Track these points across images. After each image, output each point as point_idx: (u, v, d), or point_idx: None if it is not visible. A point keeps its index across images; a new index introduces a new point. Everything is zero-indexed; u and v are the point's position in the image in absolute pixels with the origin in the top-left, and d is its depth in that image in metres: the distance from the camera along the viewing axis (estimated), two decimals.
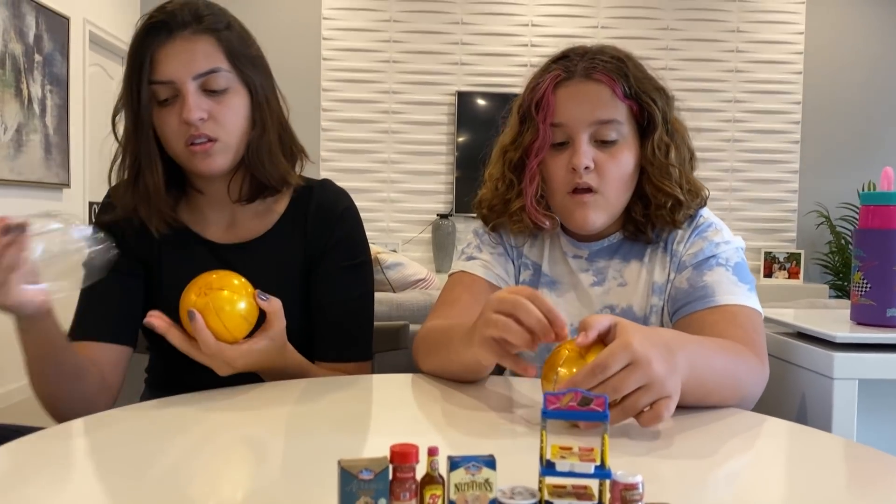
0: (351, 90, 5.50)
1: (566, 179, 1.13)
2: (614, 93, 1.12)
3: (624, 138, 1.13)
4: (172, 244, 1.23)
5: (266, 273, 1.18)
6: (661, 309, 1.15)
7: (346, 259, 1.24)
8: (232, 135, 1.14)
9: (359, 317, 1.24)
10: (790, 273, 5.58)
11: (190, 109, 1.09)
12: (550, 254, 1.24)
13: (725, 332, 1.03)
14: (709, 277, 1.10)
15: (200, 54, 1.11)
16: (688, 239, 1.16)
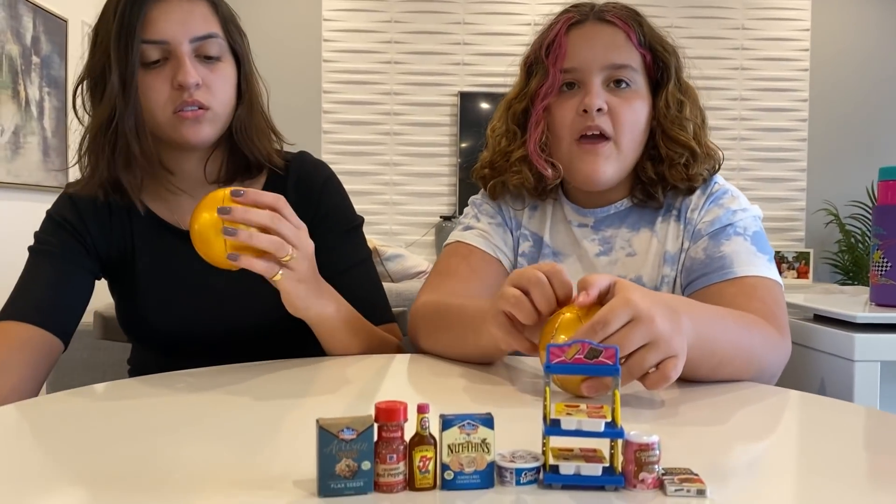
0: (352, 92, 5.46)
1: (575, 124, 1.07)
2: (629, 37, 1.08)
3: (637, 86, 1.08)
4: (144, 235, 1.15)
5: None
6: (672, 280, 1.09)
7: (340, 227, 1.19)
8: (223, 105, 1.10)
9: (369, 280, 1.19)
10: (799, 273, 5.49)
11: (187, 72, 1.03)
12: (553, 223, 1.17)
13: (745, 306, 0.97)
14: (726, 247, 1.04)
15: (199, 17, 1.06)
16: (703, 206, 1.09)
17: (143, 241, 1.15)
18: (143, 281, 1.14)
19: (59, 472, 0.57)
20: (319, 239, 1.15)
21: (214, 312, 1.14)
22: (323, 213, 1.18)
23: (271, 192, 1.14)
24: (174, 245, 1.14)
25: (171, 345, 1.16)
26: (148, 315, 1.14)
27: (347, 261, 1.17)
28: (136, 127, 1.06)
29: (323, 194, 1.19)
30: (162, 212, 1.16)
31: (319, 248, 1.14)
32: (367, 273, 1.20)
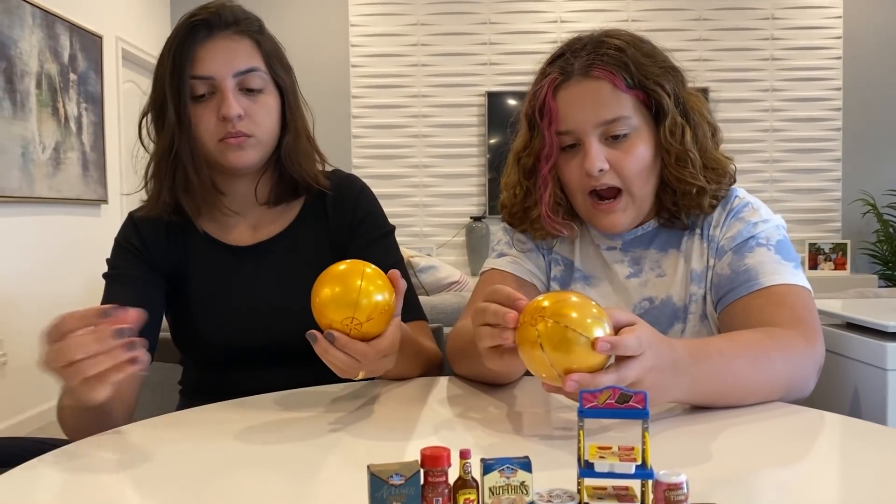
0: (380, 96, 5.51)
1: (583, 182, 1.09)
2: (616, 87, 1.06)
3: (635, 130, 1.08)
4: (199, 254, 1.24)
5: (291, 267, 1.22)
6: (701, 298, 1.10)
7: (373, 232, 1.27)
8: (265, 132, 1.18)
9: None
10: (836, 264, 5.43)
11: (230, 105, 1.13)
12: (582, 247, 1.20)
13: (773, 316, 0.98)
14: (750, 260, 1.05)
15: (241, 53, 1.16)
16: (724, 223, 1.11)
17: (198, 259, 1.24)
18: (197, 296, 1.23)
19: None
20: (353, 244, 1.25)
21: (265, 327, 1.21)
22: (358, 220, 1.26)
23: (310, 206, 1.27)
24: (227, 262, 1.23)
25: (222, 358, 1.23)
26: (201, 329, 1.22)
27: (379, 264, 1.22)
28: (191, 155, 1.16)
29: (357, 203, 1.28)
30: (215, 231, 1.25)
31: (352, 253, 1.22)
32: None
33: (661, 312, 1.13)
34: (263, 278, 1.23)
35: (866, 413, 1.32)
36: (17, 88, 3.70)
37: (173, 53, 1.15)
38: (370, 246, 1.25)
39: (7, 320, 3.68)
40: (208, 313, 1.22)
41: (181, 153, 1.15)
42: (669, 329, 1.12)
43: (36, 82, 3.87)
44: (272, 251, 1.25)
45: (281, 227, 1.26)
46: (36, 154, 3.86)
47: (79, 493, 0.67)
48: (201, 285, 1.23)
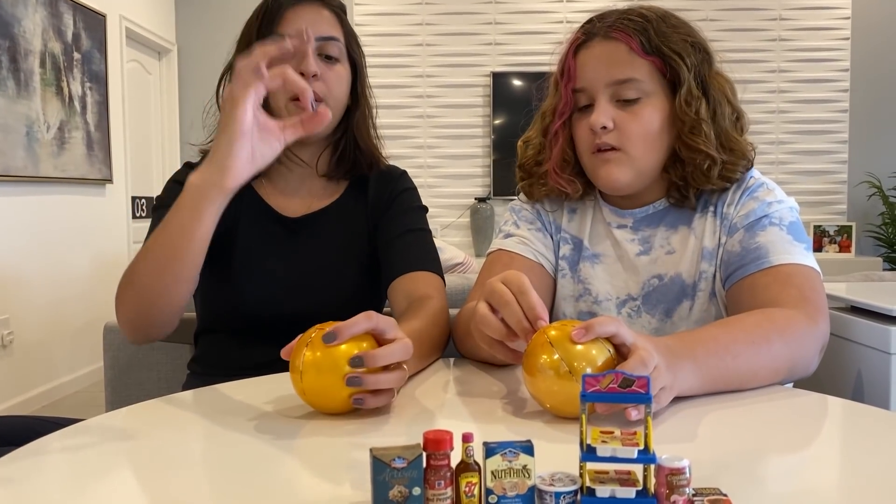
0: (385, 76, 5.49)
1: (589, 140, 1.12)
2: (631, 49, 1.09)
3: (647, 95, 1.09)
4: (249, 216, 1.28)
5: (333, 240, 1.28)
6: (711, 275, 1.11)
7: (407, 203, 1.32)
8: (336, 100, 1.23)
9: (424, 241, 1.29)
10: (841, 246, 5.41)
11: (310, 62, 1.17)
12: (593, 226, 1.21)
13: (779, 294, 0.99)
14: (762, 238, 1.06)
15: (325, 21, 1.23)
16: (738, 201, 1.11)
17: (248, 220, 1.27)
18: (240, 253, 1.26)
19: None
20: (388, 213, 1.30)
21: (295, 294, 1.25)
22: (396, 193, 1.32)
23: (354, 184, 1.32)
24: (273, 231, 1.28)
25: (251, 325, 1.25)
26: (238, 286, 1.24)
27: (406, 227, 1.28)
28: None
29: (398, 181, 1.34)
30: (270, 196, 1.30)
31: (386, 220, 1.29)
32: (423, 238, 1.29)
33: (669, 289, 1.13)
34: (303, 250, 1.28)
35: (869, 397, 1.32)
36: (21, 67, 3.69)
37: (263, 12, 1.22)
38: (403, 214, 1.30)
39: (12, 299, 3.69)
40: (248, 275, 1.25)
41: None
42: (678, 306, 1.12)
43: (40, 61, 3.86)
44: (316, 224, 1.30)
45: (328, 202, 1.31)
46: (41, 133, 3.86)
47: (85, 472, 0.67)
48: (246, 246, 1.26)
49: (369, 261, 1.30)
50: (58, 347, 4.08)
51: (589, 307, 1.17)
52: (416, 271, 1.22)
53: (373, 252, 1.30)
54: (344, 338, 0.78)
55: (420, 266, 1.23)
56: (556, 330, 0.78)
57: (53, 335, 4.04)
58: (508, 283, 0.82)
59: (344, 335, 0.78)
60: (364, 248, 1.30)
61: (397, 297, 1.21)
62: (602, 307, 1.16)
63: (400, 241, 1.26)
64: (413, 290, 1.19)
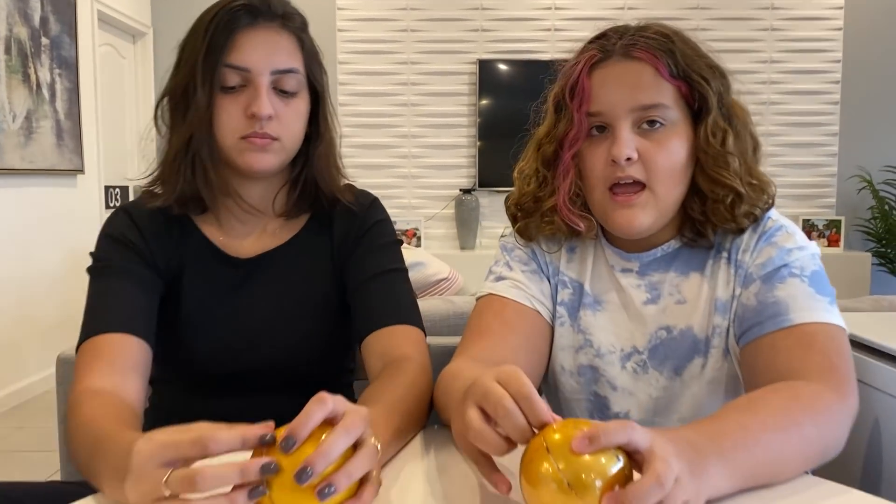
0: (368, 62, 5.32)
1: (605, 173, 0.99)
2: (658, 72, 0.97)
3: (672, 124, 0.98)
4: (196, 260, 1.14)
5: (293, 281, 1.15)
6: (725, 330, 1.00)
7: (379, 238, 1.18)
8: (291, 139, 1.10)
9: (400, 285, 1.16)
10: (830, 241, 5.35)
11: (263, 104, 1.04)
12: (594, 268, 1.09)
13: (803, 362, 0.88)
14: (781, 291, 0.95)
15: (283, 50, 1.08)
16: (755, 247, 1.00)
17: (194, 262, 1.14)
18: (188, 303, 1.13)
19: None
20: (357, 251, 1.17)
21: (253, 346, 1.13)
22: (366, 228, 1.18)
23: (317, 217, 1.19)
24: (224, 273, 1.14)
25: (203, 375, 1.14)
26: (187, 339, 1.12)
27: (379, 267, 1.15)
28: (210, 151, 1.07)
29: (368, 214, 1.20)
30: (217, 237, 1.16)
31: (355, 258, 1.16)
32: (399, 281, 1.16)
33: (678, 344, 1.02)
34: (259, 294, 1.15)
35: (887, 447, 1.23)
36: None
37: (210, 35, 1.05)
38: (372, 252, 1.17)
39: None
40: (197, 322, 1.13)
41: (200, 147, 1.06)
42: (688, 363, 1.02)
43: (5, 47, 3.67)
44: (273, 264, 1.16)
45: (285, 238, 1.18)
46: (6, 124, 3.68)
47: None
48: (193, 290, 1.13)
49: (336, 303, 1.17)
50: (28, 346, 3.93)
51: (590, 360, 1.06)
52: (391, 325, 1.09)
53: (341, 292, 1.17)
54: (302, 438, 0.65)
55: (396, 318, 1.09)
56: (559, 433, 0.66)
57: (23, 333, 3.89)
58: (506, 383, 0.67)
59: (301, 434, 0.65)
60: (330, 290, 1.17)
61: (371, 356, 1.08)
62: (605, 360, 1.05)
63: (372, 286, 1.13)
64: (389, 349, 1.06)
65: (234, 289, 1.14)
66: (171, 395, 1.19)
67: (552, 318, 1.10)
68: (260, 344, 1.13)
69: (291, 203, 1.17)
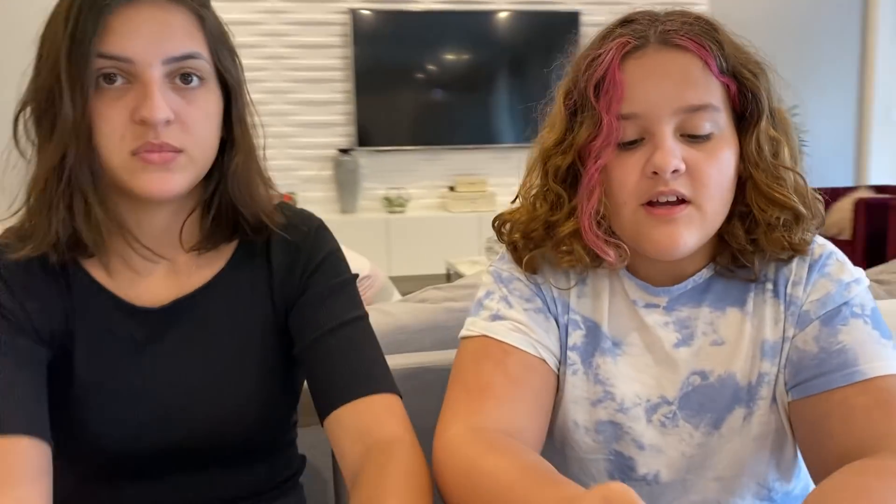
0: (230, 11, 4.82)
1: (641, 188, 0.81)
2: (707, 66, 0.79)
3: (721, 131, 0.81)
4: (88, 316, 0.87)
5: (220, 333, 0.91)
6: (774, 377, 0.85)
7: (332, 278, 0.94)
8: (201, 147, 0.83)
9: (365, 339, 0.93)
10: None
11: (156, 105, 0.78)
12: (612, 304, 0.91)
13: (883, 424, 0.75)
14: (845, 336, 0.81)
15: (178, 30, 0.81)
16: (807, 279, 0.85)
17: (85, 319, 0.87)
18: (82, 373, 0.87)
19: None
20: (307, 295, 0.92)
21: (169, 419, 0.89)
22: (315, 264, 0.94)
23: (246, 248, 0.93)
24: (123, 329, 0.88)
25: (104, 459, 0.89)
26: (83, 419, 0.87)
27: (337, 318, 0.92)
28: (92, 175, 0.80)
29: (315, 244, 0.95)
30: (114, 283, 0.89)
31: (306, 305, 0.92)
32: (362, 333, 0.93)
33: (718, 393, 0.86)
34: (174, 353, 0.89)
35: None
36: None
37: (75, 19, 0.77)
38: (329, 297, 0.93)
39: None
40: (95, 402, 0.87)
41: (77, 170, 0.79)
42: (728, 414, 0.86)
43: None
44: (191, 313, 0.90)
45: (206, 277, 0.91)
46: None
47: None
48: (86, 354, 0.86)
49: (281, 354, 0.94)
50: None
51: (611, 415, 0.89)
52: (366, 396, 0.86)
53: (286, 342, 0.94)
54: None
55: (370, 387, 0.87)
56: None
57: None
58: None
59: None
60: (271, 339, 0.93)
61: (345, 438, 0.85)
62: (629, 415, 0.88)
63: (332, 344, 0.90)
64: (369, 429, 0.84)
65: (141, 349, 0.88)
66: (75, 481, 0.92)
67: (559, 364, 0.91)
68: (179, 418, 0.89)
69: (206, 233, 0.91)
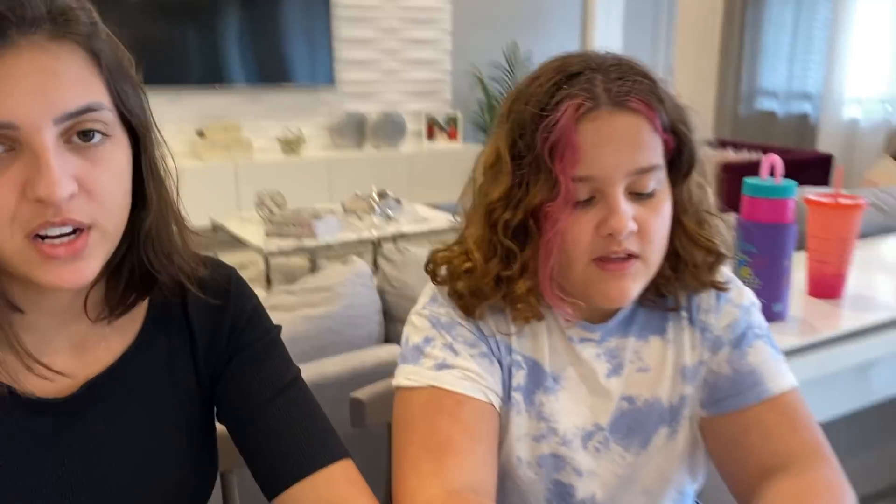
0: None
1: (594, 246, 0.83)
2: (653, 127, 0.82)
3: (662, 185, 0.85)
4: None
5: (137, 416, 0.78)
6: (693, 398, 0.95)
7: (262, 336, 0.85)
8: (112, 215, 0.68)
9: (308, 403, 0.85)
10: (450, 135, 5.75)
11: (54, 182, 0.61)
12: (551, 342, 0.94)
13: (791, 438, 0.87)
14: (753, 357, 0.91)
15: (70, 78, 0.64)
16: (717, 307, 0.94)
17: None
18: None
19: None
20: (238, 359, 0.83)
21: None
22: (243, 322, 0.84)
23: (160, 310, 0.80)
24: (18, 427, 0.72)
25: None
26: None
27: (275, 385, 0.83)
28: None
29: (237, 298, 0.84)
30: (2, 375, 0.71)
31: (238, 372, 0.82)
32: (303, 395, 0.86)
33: (644, 415, 0.94)
34: (86, 449, 0.75)
35: None
36: None
37: None
38: (262, 360, 0.83)
39: None
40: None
41: None
42: (654, 434, 0.95)
43: None
44: (103, 396, 0.76)
45: (118, 351, 0.77)
46: None
47: None
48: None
49: (204, 426, 0.84)
50: None
51: (553, 448, 0.93)
52: (321, 468, 0.80)
53: (210, 410, 0.85)
54: None
55: (324, 457, 0.80)
56: None
57: None
58: None
59: None
60: (199, 415, 0.83)
61: None
62: (571, 447, 0.93)
63: (273, 414, 0.81)
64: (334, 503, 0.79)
65: (43, 449, 0.74)
66: None
67: (502, 406, 0.92)
68: None
69: (115, 300, 0.76)
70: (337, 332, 1.42)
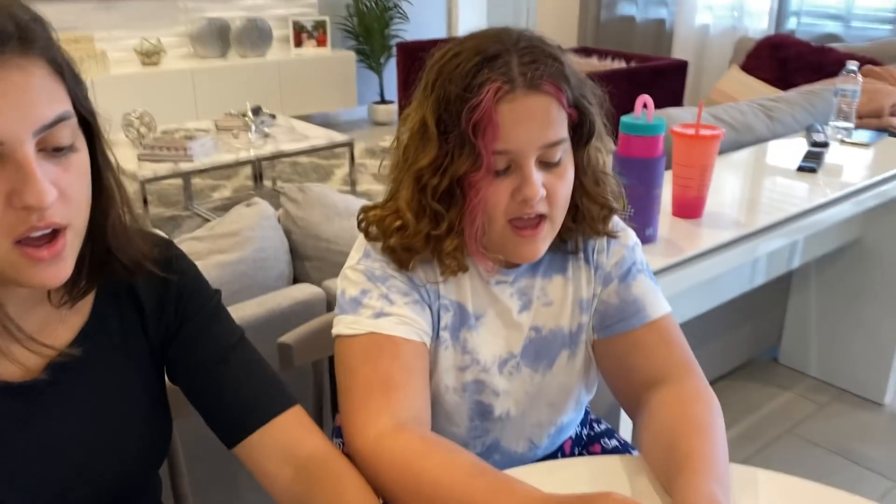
0: None
1: (510, 209, 0.96)
2: (560, 105, 0.94)
3: (566, 153, 0.98)
4: None
5: (97, 388, 0.85)
6: (588, 325, 1.11)
7: (205, 303, 0.93)
8: (82, 213, 0.74)
9: (255, 359, 0.95)
10: (318, 42, 5.60)
11: (42, 190, 0.67)
12: (472, 286, 1.07)
13: (667, 355, 1.05)
14: (636, 289, 1.08)
15: (42, 93, 0.68)
16: (608, 248, 1.10)
17: None
18: None
19: None
20: (187, 328, 0.91)
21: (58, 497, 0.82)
22: (186, 295, 0.91)
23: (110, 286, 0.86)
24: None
25: None
26: None
27: (223, 345, 0.92)
28: None
29: (180, 271, 0.91)
30: None
31: (187, 338, 0.91)
32: (250, 352, 0.95)
33: (549, 342, 1.10)
34: (56, 423, 0.82)
35: None
36: None
37: None
38: (208, 324, 0.92)
39: None
40: None
41: None
42: (557, 357, 1.11)
43: None
44: (63, 374, 0.82)
45: (73, 331, 0.83)
46: None
47: None
48: None
49: (159, 389, 0.92)
50: None
51: (475, 375, 1.07)
52: (277, 416, 0.89)
53: (161, 374, 0.92)
54: None
55: (278, 404, 0.90)
56: None
57: None
58: None
59: None
60: (154, 385, 0.91)
61: (268, 461, 0.89)
62: (490, 373, 1.07)
63: (225, 373, 0.90)
64: (291, 448, 0.89)
65: (14, 430, 0.79)
66: None
67: (433, 345, 1.05)
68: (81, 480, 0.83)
69: (75, 287, 0.81)
70: (250, 275, 1.48)
